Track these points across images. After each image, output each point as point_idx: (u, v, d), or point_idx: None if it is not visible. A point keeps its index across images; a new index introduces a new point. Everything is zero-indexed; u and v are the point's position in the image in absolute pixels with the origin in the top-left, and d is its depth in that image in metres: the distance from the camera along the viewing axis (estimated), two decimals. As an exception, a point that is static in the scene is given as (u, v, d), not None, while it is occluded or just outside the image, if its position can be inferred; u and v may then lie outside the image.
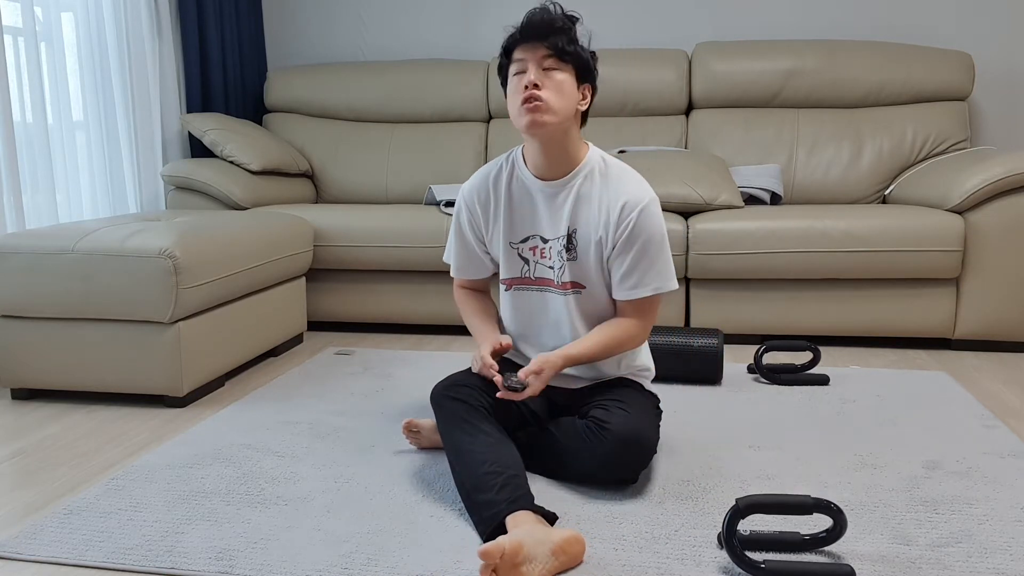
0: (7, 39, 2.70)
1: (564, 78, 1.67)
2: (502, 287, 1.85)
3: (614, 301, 1.80)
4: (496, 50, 3.90)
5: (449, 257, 1.95)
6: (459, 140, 3.75)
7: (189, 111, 3.60)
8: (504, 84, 1.76)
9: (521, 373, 1.67)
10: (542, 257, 1.79)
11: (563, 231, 1.75)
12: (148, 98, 3.34)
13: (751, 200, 3.22)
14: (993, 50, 3.60)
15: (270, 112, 4.00)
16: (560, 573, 1.38)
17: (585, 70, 1.71)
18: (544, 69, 1.66)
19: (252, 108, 3.98)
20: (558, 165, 1.74)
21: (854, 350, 2.88)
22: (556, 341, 1.80)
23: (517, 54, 1.69)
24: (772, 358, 2.73)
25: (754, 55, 3.55)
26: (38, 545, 1.50)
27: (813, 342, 2.91)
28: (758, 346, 2.56)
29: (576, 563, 1.41)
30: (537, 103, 1.64)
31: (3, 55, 2.62)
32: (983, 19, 3.59)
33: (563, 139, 1.71)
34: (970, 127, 3.51)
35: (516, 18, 1.72)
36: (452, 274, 1.95)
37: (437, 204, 3.24)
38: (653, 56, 3.64)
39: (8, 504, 1.69)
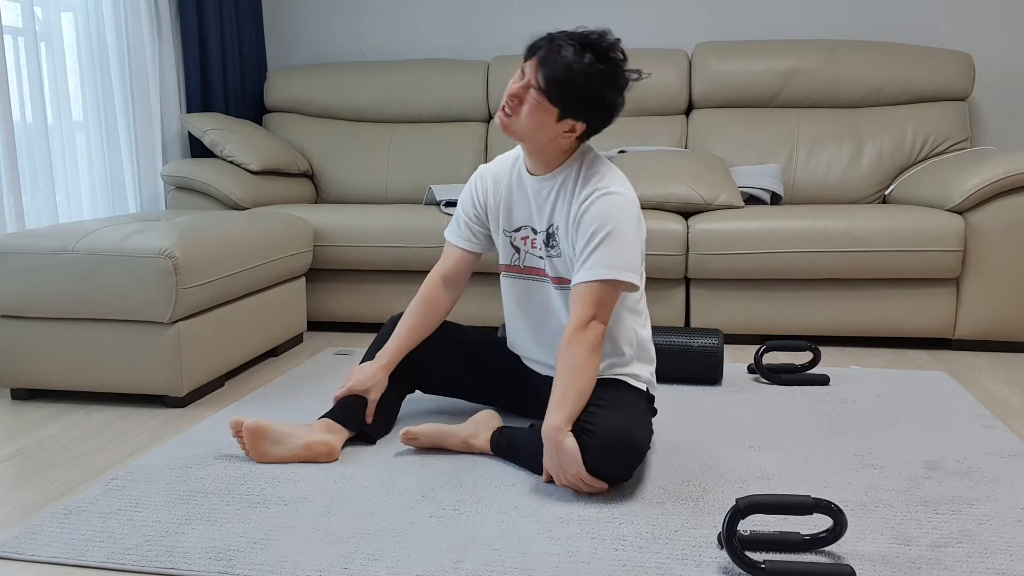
0: (7, 39, 2.70)
1: (539, 108, 1.66)
2: (501, 273, 1.95)
3: None
4: (496, 50, 3.90)
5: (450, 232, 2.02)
6: (459, 140, 3.75)
7: (189, 111, 3.60)
8: None
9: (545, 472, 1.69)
10: (532, 247, 1.85)
11: (545, 227, 1.81)
12: (148, 98, 3.34)
13: (751, 200, 3.22)
14: (993, 50, 3.60)
15: (270, 112, 4.00)
16: (301, 462, 1.82)
17: (571, 109, 1.65)
18: (529, 87, 1.66)
19: (252, 108, 3.98)
20: (539, 164, 1.80)
21: (854, 350, 2.88)
22: (544, 335, 1.89)
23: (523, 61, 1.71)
24: (772, 358, 2.73)
25: (754, 55, 3.55)
26: (38, 545, 1.50)
27: (813, 342, 2.91)
28: (758, 346, 2.57)
29: (319, 460, 1.83)
30: (505, 116, 1.70)
31: (3, 55, 2.61)
32: (983, 19, 3.59)
33: (537, 150, 1.76)
34: (970, 127, 3.51)
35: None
36: (445, 235, 2.01)
37: (437, 204, 3.24)
38: (653, 56, 3.64)
39: (8, 504, 1.69)
